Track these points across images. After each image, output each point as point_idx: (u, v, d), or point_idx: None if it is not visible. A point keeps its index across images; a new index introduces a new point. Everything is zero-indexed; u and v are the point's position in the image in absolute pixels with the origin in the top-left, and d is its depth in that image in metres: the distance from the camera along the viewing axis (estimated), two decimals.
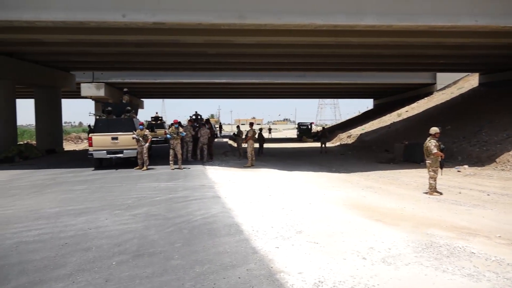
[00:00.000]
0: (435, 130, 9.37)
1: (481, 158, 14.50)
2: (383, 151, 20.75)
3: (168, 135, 13.77)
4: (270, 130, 51.86)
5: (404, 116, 28.74)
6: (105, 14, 11.33)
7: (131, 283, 4.07)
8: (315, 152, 23.35)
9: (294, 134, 48.35)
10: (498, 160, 13.71)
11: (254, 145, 15.56)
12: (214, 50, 17.64)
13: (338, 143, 30.50)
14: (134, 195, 8.84)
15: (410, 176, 12.65)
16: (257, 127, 21.54)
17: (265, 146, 21.98)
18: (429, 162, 9.33)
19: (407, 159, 16.56)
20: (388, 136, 24.42)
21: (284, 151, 25.32)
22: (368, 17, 11.78)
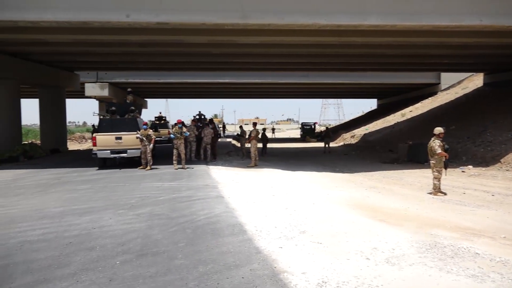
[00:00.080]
0: (439, 130, 9.33)
1: (485, 159, 14.43)
2: (387, 151, 20.68)
3: (171, 135, 13.80)
4: (274, 130, 51.86)
5: (408, 116, 28.64)
6: (109, 14, 11.36)
7: (135, 282, 4.08)
8: (319, 152, 23.32)
9: (297, 134, 48.30)
10: (502, 160, 13.64)
11: (257, 145, 15.55)
12: (218, 50, 17.66)
13: (342, 143, 30.44)
14: (138, 194, 8.87)
15: (414, 176, 12.60)
16: (260, 127, 21.55)
17: (268, 146, 21.97)
18: (433, 162, 9.29)
19: (411, 159, 16.51)
20: (392, 136, 24.35)
21: (287, 151, 25.31)
22: (372, 17, 11.75)
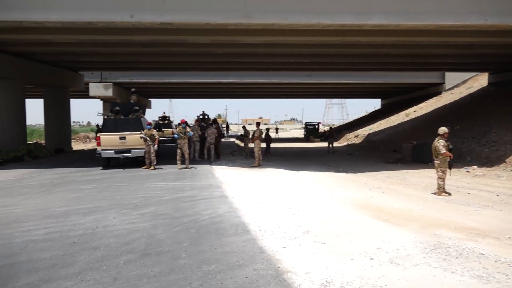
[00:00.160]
0: (443, 130, 9.29)
1: (490, 159, 14.36)
2: (390, 151, 20.63)
3: (175, 135, 13.83)
4: (277, 130, 51.82)
5: (412, 116, 28.55)
6: (113, 14, 11.40)
7: (139, 282, 4.09)
8: (322, 152, 23.29)
9: (301, 134, 48.28)
10: (507, 160, 13.57)
11: (261, 145, 15.55)
12: (221, 50, 17.68)
13: (345, 143, 30.39)
14: (142, 194, 8.89)
15: (418, 177, 12.56)
16: (264, 127, 21.55)
17: (272, 146, 21.97)
18: (437, 162, 9.26)
19: (415, 159, 16.45)
20: (396, 136, 24.28)
21: (291, 151, 25.29)
22: (376, 16, 11.73)
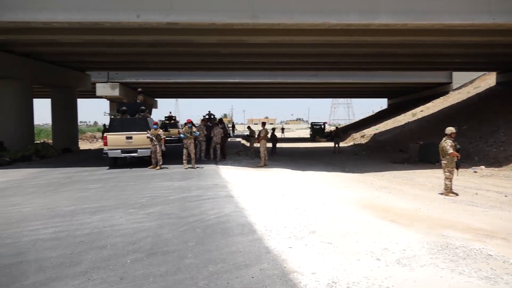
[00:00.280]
0: (451, 130, 9.23)
1: (498, 159, 14.23)
2: (397, 151, 20.52)
3: (181, 135, 13.86)
4: (283, 130, 51.72)
5: (419, 116, 28.38)
6: (119, 15, 11.46)
7: (145, 281, 4.11)
8: (328, 152, 23.23)
9: (307, 134, 48.19)
10: None
11: (266, 144, 15.54)
12: (227, 50, 17.70)
13: (352, 143, 30.28)
14: (148, 194, 8.92)
15: (425, 177, 12.48)
16: (270, 126, 21.52)
17: (278, 145, 21.95)
18: (444, 162, 9.19)
19: (422, 159, 16.36)
20: (403, 136, 24.16)
21: (297, 151, 25.25)
22: (382, 16, 11.67)
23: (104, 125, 23.51)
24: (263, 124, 15.97)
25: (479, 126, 18.30)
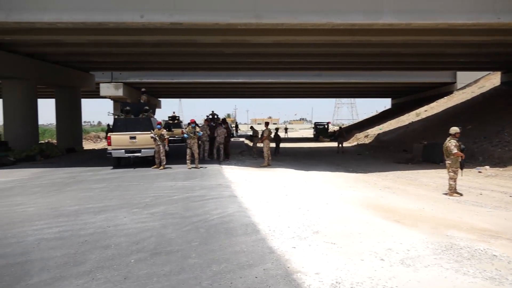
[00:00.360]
0: (455, 130, 9.19)
1: (503, 159, 14.15)
2: (401, 151, 20.47)
3: (185, 135, 13.88)
4: (287, 130, 51.74)
5: (423, 115, 28.28)
6: (123, 15, 11.49)
7: (149, 281, 4.11)
8: (332, 152, 23.20)
9: (310, 133, 48.16)
10: None
11: (270, 144, 15.54)
12: (231, 50, 17.71)
13: (355, 143, 30.23)
14: (152, 193, 8.94)
15: (429, 177, 12.44)
16: (273, 126, 21.52)
17: (281, 145, 21.94)
18: (449, 162, 9.16)
19: (426, 159, 16.30)
20: (406, 136, 24.08)
21: (300, 151, 25.23)
22: (386, 15, 11.64)
23: (108, 125, 23.60)
24: (266, 124, 15.96)
25: (484, 126, 18.21)
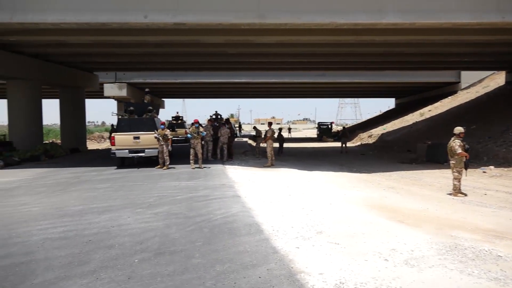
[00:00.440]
0: (459, 129, 9.15)
1: (508, 159, 14.08)
2: (405, 151, 20.40)
3: (188, 135, 13.90)
4: (290, 130, 51.67)
5: (427, 115, 28.18)
6: (127, 15, 11.53)
7: (153, 280, 4.13)
8: (336, 152, 23.16)
9: (314, 133, 48.10)
10: None
11: (273, 144, 15.53)
12: (234, 50, 17.72)
13: (359, 143, 30.16)
14: (155, 193, 8.96)
15: (433, 177, 12.39)
16: (276, 126, 21.50)
17: (285, 145, 21.92)
18: (453, 162, 9.12)
19: (430, 160, 16.24)
20: (410, 136, 24.00)
21: (304, 151, 25.21)
22: (390, 15, 11.60)
23: (112, 125, 23.65)
24: (269, 124, 15.95)
25: (488, 126, 18.12)
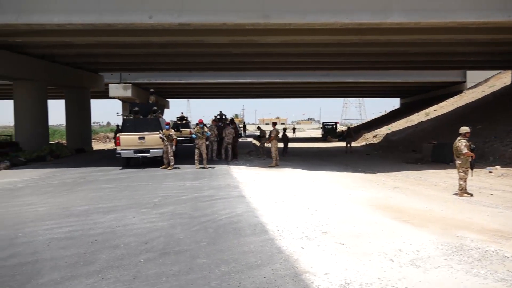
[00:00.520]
0: (465, 129, 9.10)
1: None
2: (410, 151, 20.32)
3: (193, 135, 13.93)
4: (295, 130, 51.61)
5: (432, 115, 28.05)
6: (132, 16, 11.58)
7: (158, 280, 4.14)
8: (340, 152, 23.11)
9: (318, 133, 48.02)
10: None
11: (277, 144, 15.52)
12: (239, 50, 17.73)
13: (364, 143, 30.07)
14: (161, 193, 8.98)
15: (439, 177, 12.33)
16: (281, 126, 21.50)
17: (289, 146, 21.90)
18: (459, 162, 9.07)
19: (435, 160, 16.16)
20: (415, 135, 23.90)
21: (308, 151, 25.17)
22: (395, 14, 11.56)
23: (117, 125, 23.74)
24: (274, 124, 15.94)
25: (494, 126, 18.01)
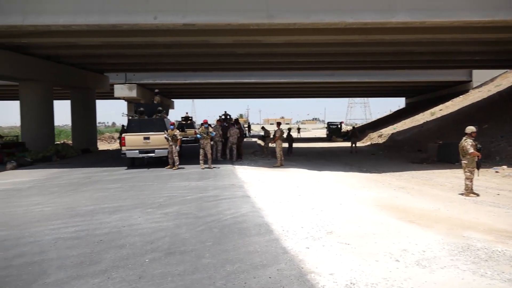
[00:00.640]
0: (471, 129, 9.04)
1: None
2: (415, 151, 20.22)
3: (198, 135, 13.96)
4: (299, 130, 51.57)
5: (438, 115, 27.89)
6: (137, 17, 11.61)
7: (163, 280, 4.15)
8: (345, 152, 23.05)
9: (323, 133, 47.92)
10: None
11: (282, 144, 15.50)
12: (243, 50, 17.74)
13: (369, 143, 29.97)
14: (166, 194, 9.00)
15: (445, 177, 12.27)
16: (285, 126, 21.48)
17: (294, 145, 21.88)
18: (465, 162, 9.01)
19: (441, 159, 16.07)
20: (421, 135, 23.79)
21: (313, 151, 25.13)
22: (400, 13, 11.51)
23: (122, 125, 23.84)
24: (278, 124, 15.92)
25: (501, 125, 17.88)
